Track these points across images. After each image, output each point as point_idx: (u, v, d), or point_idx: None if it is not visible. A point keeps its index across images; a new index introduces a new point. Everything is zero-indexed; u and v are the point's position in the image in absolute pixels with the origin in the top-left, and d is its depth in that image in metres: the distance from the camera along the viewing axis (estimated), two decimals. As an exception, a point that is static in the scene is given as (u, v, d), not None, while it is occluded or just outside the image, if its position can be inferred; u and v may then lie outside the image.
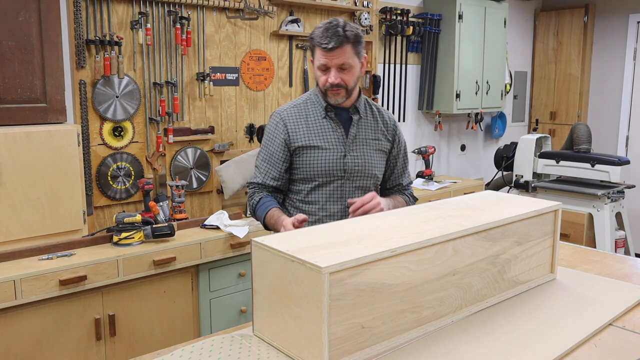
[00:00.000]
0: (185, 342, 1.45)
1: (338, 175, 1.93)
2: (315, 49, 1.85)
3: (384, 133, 2.03)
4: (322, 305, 1.22)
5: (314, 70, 1.91)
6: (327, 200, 1.94)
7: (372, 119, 2.02)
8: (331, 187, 1.94)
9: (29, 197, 2.40)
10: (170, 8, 3.06)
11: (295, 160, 1.94)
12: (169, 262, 2.61)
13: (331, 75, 1.83)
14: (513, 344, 1.42)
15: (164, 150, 3.15)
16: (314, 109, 1.96)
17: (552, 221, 1.84)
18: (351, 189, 1.95)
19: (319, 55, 1.83)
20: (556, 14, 5.65)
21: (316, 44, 1.83)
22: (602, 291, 1.78)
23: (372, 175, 1.99)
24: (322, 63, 1.84)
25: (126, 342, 2.55)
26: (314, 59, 1.88)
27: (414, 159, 4.68)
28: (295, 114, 1.96)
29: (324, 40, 1.80)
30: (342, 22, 1.83)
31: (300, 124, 1.94)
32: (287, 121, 1.94)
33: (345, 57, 1.82)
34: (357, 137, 1.96)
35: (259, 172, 1.98)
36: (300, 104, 1.99)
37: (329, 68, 1.84)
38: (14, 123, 2.42)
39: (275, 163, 1.95)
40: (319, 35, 1.81)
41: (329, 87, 1.86)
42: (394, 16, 4.29)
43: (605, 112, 5.57)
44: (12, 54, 2.39)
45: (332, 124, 1.94)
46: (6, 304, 2.19)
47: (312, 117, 1.95)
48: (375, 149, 2.00)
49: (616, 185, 4.16)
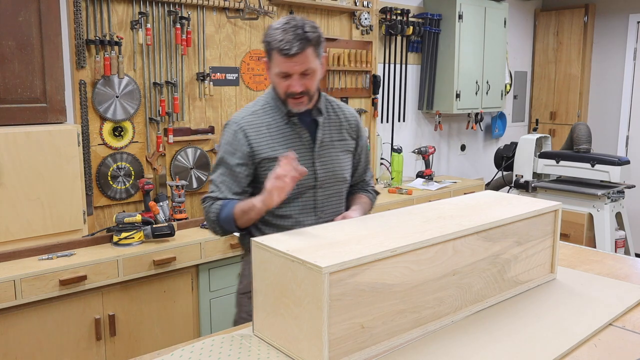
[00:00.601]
0: (185, 342, 1.45)
1: (309, 185, 1.76)
2: (272, 53, 1.65)
3: (348, 131, 1.88)
4: (322, 305, 1.22)
5: (269, 75, 1.73)
6: (301, 212, 1.77)
7: (335, 117, 1.85)
8: (303, 199, 1.76)
9: (29, 197, 2.40)
10: (170, 8, 3.06)
11: (261, 173, 1.73)
12: (169, 262, 2.61)
13: (294, 83, 1.66)
14: (513, 344, 1.42)
15: (164, 150, 3.15)
16: (275, 115, 1.76)
17: (552, 221, 1.84)
18: (324, 197, 1.80)
19: (279, 62, 1.63)
20: (556, 14, 5.65)
21: (275, 48, 1.62)
22: (602, 291, 1.78)
23: (343, 179, 1.85)
24: (283, 71, 1.64)
25: (126, 342, 2.55)
26: (271, 64, 1.68)
27: (414, 159, 4.68)
28: (255, 123, 1.75)
29: (284, 44, 1.60)
30: (300, 22, 1.64)
31: (262, 132, 1.74)
32: (247, 131, 1.73)
33: (308, 62, 1.64)
34: (323, 141, 1.79)
35: (218, 188, 1.73)
36: (259, 111, 1.78)
37: (290, 75, 1.65)
38: (14, 123, 2.42)
39: (237, 178, 1.73)
40: (277, 39, 1.61)
41: (290, 96, 1.69)
42: (394, 16, 4.29)
43: (605, 112, 5.57)
44: (12, 54, 2.39)
45: (296, 130, 1.76)
46: (6, 304, 2.19)
47: (273, 125, 1.75)
48: (342, 150, 1.85)
49: (616, 185, 4.16)
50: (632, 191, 4.47)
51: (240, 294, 1.86)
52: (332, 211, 1.83)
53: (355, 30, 4.03)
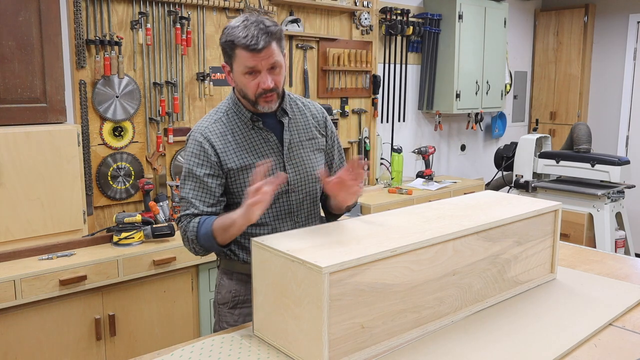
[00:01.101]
0: (185, 342, 1.45)
1: (282, 189, 1.68)
2: (236, 51, 1.57)
3: (316, 128, 1.80)
4: (322, 305, 1.22)
5: (232, 77, 1.65)
6: (276, 219, 1.71)
7: (301, 116, 1.78)
8: (278, 205, 1.70)
9: (29, 197, 2.40)
10: (170, 8, 3.06)
11: (231, 184, 1.67)
12: (169, 262, 2.61)
13: (265, 79, 1.59)
14: (513, 344, 1.42)
15: (164, 150, 3.15)
16: (239, 121, 1.69)
17: (552, 221, 1.84)
18: (298, 200, 1.74)
19: (245, 58, 1.56)
20: (556, 14, 5.65)
21: (240, 45, 1.55)
22: (602, 291, 1.78)
23: (317, 179, 1.77)
24: (251, 66, 1.57)
25: (126, 342, 2.55)
26: (235, 64, 1.60)
27: (414, 159, 4.68)
28: (219, 131, 1.67)
29: (250, 40, 1.54)
30: (259, 17, 1.59)
31: (228, 141, 1.67)
32: (213, 141, 1.66)
33: (274, 55, 1.58)
34: (292, 143, 1.72)
35: (191, 204, 1.65)
36: (221, 118, 1.70)
37: (258, 71, 1.58)
38: (14, 123, 2.42)
39: (209, 189, 1.65)
40: (241, 35, 1.55)
41: (261, 94, 1.61)
42: (394, 16, 4.29)
43: (605, 112, 5.57)
44: (12, 54, 2.39)
45: (262, 135, 1.69)
46: (6, 304, 2.19)
47: (238, 132, 1.68)
48: (312, 149, 1.78)
49: (616, 185, 4.16)
50: (632, 191, 4.47)
51: (219, 304, 1.80)
52: (307, 214, 1.77)
53: (355, 30, 4.03)
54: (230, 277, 1.75)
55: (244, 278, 1.71)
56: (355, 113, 4.11)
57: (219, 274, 1.82)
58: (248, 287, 1.69)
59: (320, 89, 3.86)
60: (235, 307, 1.75)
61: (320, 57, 3.83)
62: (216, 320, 1.82)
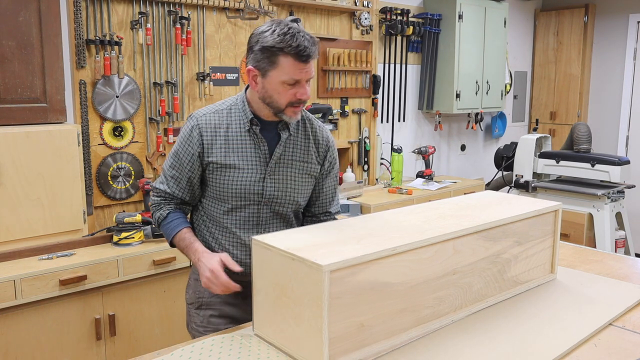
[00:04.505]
0: (185, 342, 1.46)
1: (253, 200, 1.66)
2: (281, 58, 1.52)
3: (315, 154, 1.74)
4: (322, 303, 1.22)
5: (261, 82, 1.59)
6: (241, 227, 1.68)
7: (304, 137, 1.72)
8: (245, 213, 1.68)
9: (29, 197, 2.40)
10: (170, 8, 3.06)
11: (208, 176, 1.67)
12: (169, 262, 2.61)
13: (304, 90, 1.57)
14: (513, 344, 1.42)
15: (164, 150, 3.15)
16: (237, 120, 1.66)
17: (552, 221, 1.84)
18: (268, 216, 1.70)
19: (291, 67, 1.53)
20: (556, 14, 5.65)
21: (290, 53, 1.51)
22: (602, 291, 1.78)
23: (294, 202, 1.72)
24: (295, 77, 1.54)
25: (126, 342, 2.55)
26: (275, 71, 1.54)
27: (414, 159, 4.68)
28: (214, 122, 1.66)
29: (303, 50, 1.51)
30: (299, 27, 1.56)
31: (219, 135, 1.64)
32: (203, 130, 1.64)
33: (313, 68, 1.58)
34: (282, 158, 1.68)
35: (165, 179, 1.70)
36: (223, 110, 1.68)
37: (298, 81, 1.55)
38: (14, 123, 2.42)
39: (182, 173, 1.67)
40: (292, 44, 1.50)
41: (295, 103, 1.58)
42: (394, 16, 4.29)
43: (605, 112, 5.57)
44: (12, 54, 2.39)
45: (254, 140, 1.65)
46: (6, 304, 2.20)
47: (233, 129, 1.65)
48: (302, 172, 1.71)
49: (616, 185, 4.16)
50: (632, 191, 4.47)
51: (187, 304, 1.82)
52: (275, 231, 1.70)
53: (355, 30, 4.03)
54: (196, 277, 1.75)
55: None
56: (355, 113, 4.11)
57: (191, 272, 1.84)
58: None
59: (320, 89, 3.86)
60: (200, 307, 1.77)
61: (320, 57, 3.83)
62: (187, 320, 1.85)
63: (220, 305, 1.74)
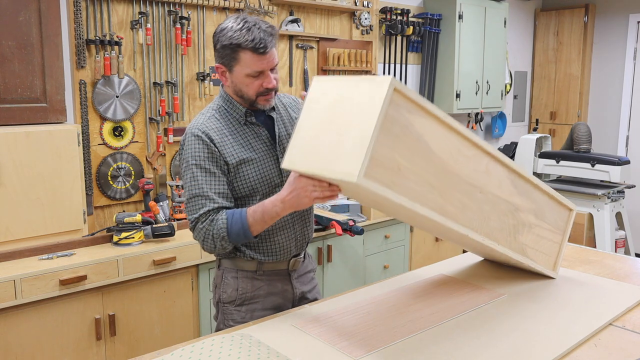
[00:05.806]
0: (185, 342, 1.45)
1: (276, 182, 1.72)
2: (240, 54, 1.59)
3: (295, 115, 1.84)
4: (376, 117, 1.22)
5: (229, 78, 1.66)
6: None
7: (284, 109, 1.82)
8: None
9: (29, 197, 2.40)
10: (170, 8, 3.06)
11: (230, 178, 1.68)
12: (169, 262, 2.61)
13: (269, 79, 1.64)
14: (513, 344, 1.42)
15: (164, 150, 3.15)
16: (231, 118, 1.70)
17: (565, 219, 1.88)
18: None
19: (252, 61, 1.59)
20: (556, 14, 5.65)
21: (247, 48, 1.57)
22: (602, 291, 1.78)
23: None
24: (257, 70, 1.60)
25: (126, 342, 2.55)
26: (238, 66, 1.61)
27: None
28: (216, 127, 1.68)
29: (258, 43, 1.57)
30: (255, 19, 1.62)
31: (225, 136, 1.68)
32: (212, 136, 1.65)
33: (275, 57, 1.64)
34: (281, 136, 1.76)
35: (207, 198, 1.62)
36: (214, 115, 1.71)
37: (262, 72, 1.62)
38: (14, 123, 2.42)
39: (221, 181, 1.65)
40: (248, 38, 1.56)
41: (264, 93, 1.65)
42: (394, 16, 4.29)
43: (605, 112, 5.57)
44: (12, 54, 2.39)
45: (254, 130, 1.71)
46: (6, 304, 2.20)
47: (232, 128, 1.70)
48: None
49: (616, 185, 4.16)
50: (632, 191, 4.47)
51: (224, 303, 1.80)
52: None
53: (355, 30, 4.03)
54: (235, 275, 1.76)
55: (249, 275, 1.75)
56: (355, 113, 4.11)
57: (220, 274, 1.82)
58: (254, 284, 1.75)
59: (320, 89, 3.86)
60: (243, 304, 1.77)
61: (320, 57, 3.83)
62: (220, 320, 1.82)
63: (265, 296, 1.76)
